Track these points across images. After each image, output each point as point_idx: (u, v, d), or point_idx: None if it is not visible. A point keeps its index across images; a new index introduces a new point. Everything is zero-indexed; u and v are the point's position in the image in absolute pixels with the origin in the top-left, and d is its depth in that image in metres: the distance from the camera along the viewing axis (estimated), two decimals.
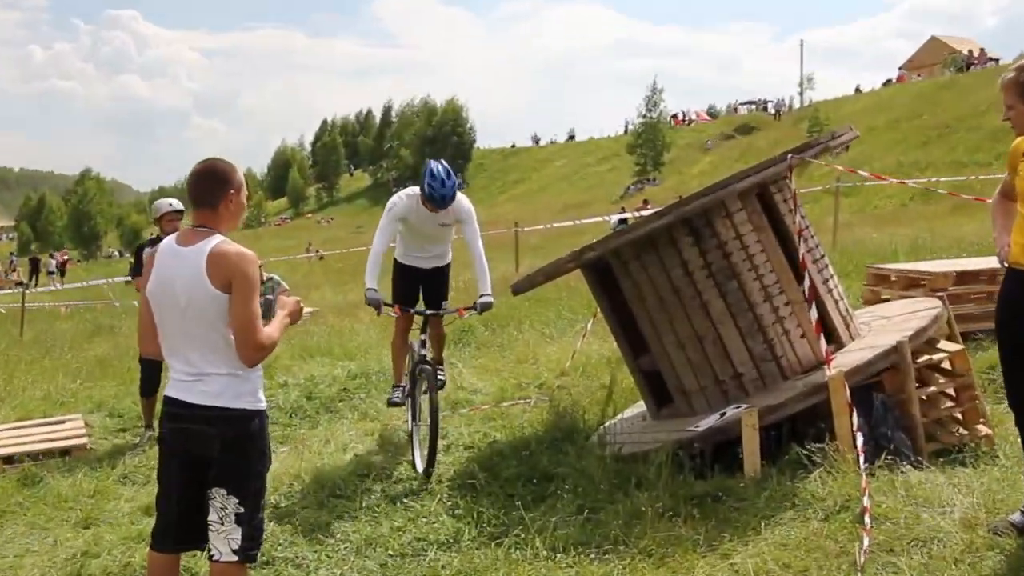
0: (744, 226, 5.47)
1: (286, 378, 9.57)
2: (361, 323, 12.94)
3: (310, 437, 7.55)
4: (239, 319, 3.33)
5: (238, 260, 3.36)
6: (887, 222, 22.19)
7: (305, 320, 15.20)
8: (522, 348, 9.78)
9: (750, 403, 5.28)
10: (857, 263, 12.26)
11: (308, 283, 28.76)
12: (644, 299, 5.66)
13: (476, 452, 6.43)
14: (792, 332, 5.49)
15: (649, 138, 63.80)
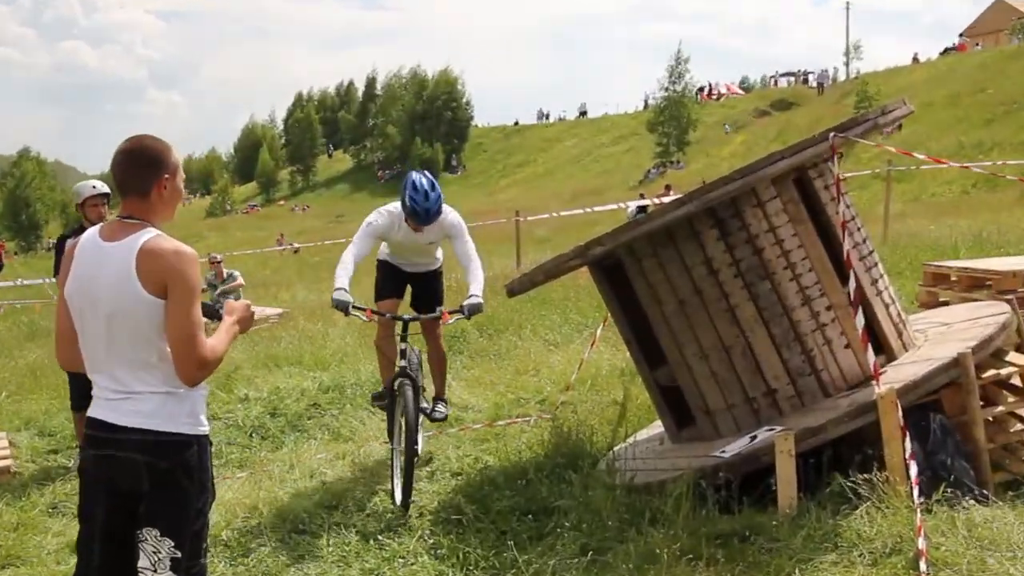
0: (779, 217, 5.34)
1: (247, 391, 9.47)
2: (336, 327, 12.82)
3: (272, 461, 7.45)
4: (178, 330, 3.19)
5: (175, 259, 3.21)
6: (946, 212, 22.06)
7: (272, 323, 15.12)
8: (522, 357, 9.65)
9: (785, 425, 5.15)
10: (912, 260, 12.15)
11: (279, 280, 28.75)
12: (661, 302, 5.53)
13: (465, 480, 6.31)
14: (835, 341, 5.36)
15: (673, 115, 63.52)
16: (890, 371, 5.25)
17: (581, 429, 6.83)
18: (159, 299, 3.20)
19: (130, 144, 3.41)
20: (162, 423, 3.28)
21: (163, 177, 3.37)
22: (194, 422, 3.38)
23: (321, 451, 7.54)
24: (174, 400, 3.32)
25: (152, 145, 3.41)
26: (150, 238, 3.24)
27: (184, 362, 3.20)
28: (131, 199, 3.36)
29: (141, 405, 3.28)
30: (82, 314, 3.32)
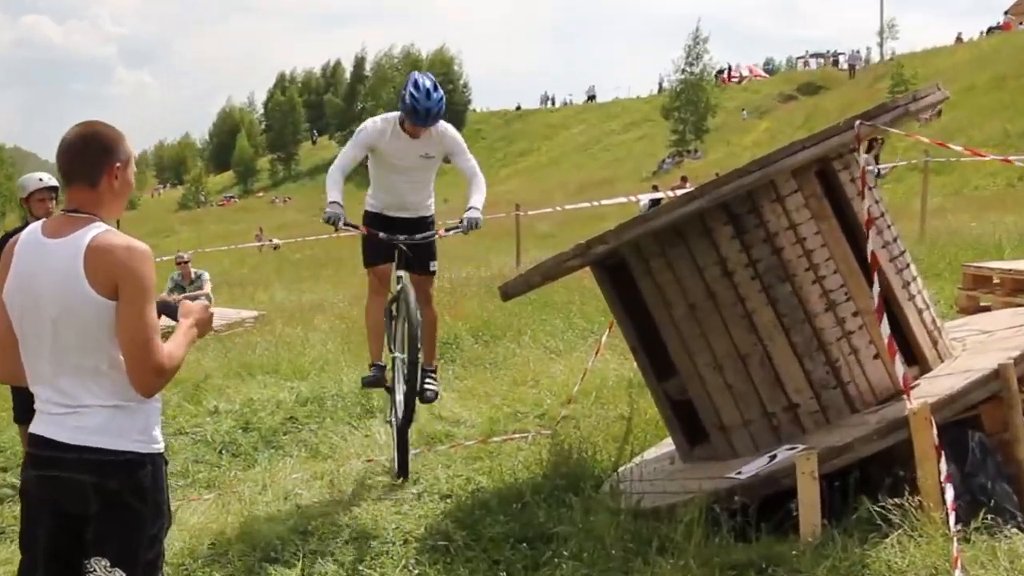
0: (800, 213, 5.28)
1: (218, 403, 9.41)
2: (317, 331, 12.79)
3: (243, 481, 7.39)
4: (131, 333, 3.14)
5: (127, 255, 3.16)
6: (990, 207, 21.97)
7: (247, 327, 15.06)
8: (521, 367, 9.59)
9: (808, 443, 5.10)
10: (951, 260, 12.09)
11: (257, 279, 28.69)
12: (670, 306, 5.48)
13: (455, 503, 6.25)
14: (862, 351, 5.30)
15: (690, 99, 63.48)
16: (924, 384, 5.19)
17: (583, 447, 6.79)
18: (109, 300, 3.15)
19: (79, 129, 3.37)
20: (111, 440, 3.23)
21: (114, 166, 3.32)
22: (147, 439, 3.32)
23: (297, 470, 7.47)
24: (124, 414, 3.26)
25: (103, 131, 3.37)
26: (99, 233, 3.19)
27: (139, 369, 3.15)
28: (78, 190, 3.31)
29: (88, 420, 3.22)
30: (23, 319, 3.26)
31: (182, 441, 8.53)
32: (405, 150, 6.42)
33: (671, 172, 51.51)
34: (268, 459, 8.01)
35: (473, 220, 6.33)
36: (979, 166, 29.59)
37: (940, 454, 4.55)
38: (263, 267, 35.35)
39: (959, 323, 6.96)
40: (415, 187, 6.64)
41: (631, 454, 6.75)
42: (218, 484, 7.46)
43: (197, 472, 7.82)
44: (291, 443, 8.34)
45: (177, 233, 62.35)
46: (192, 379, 10.40)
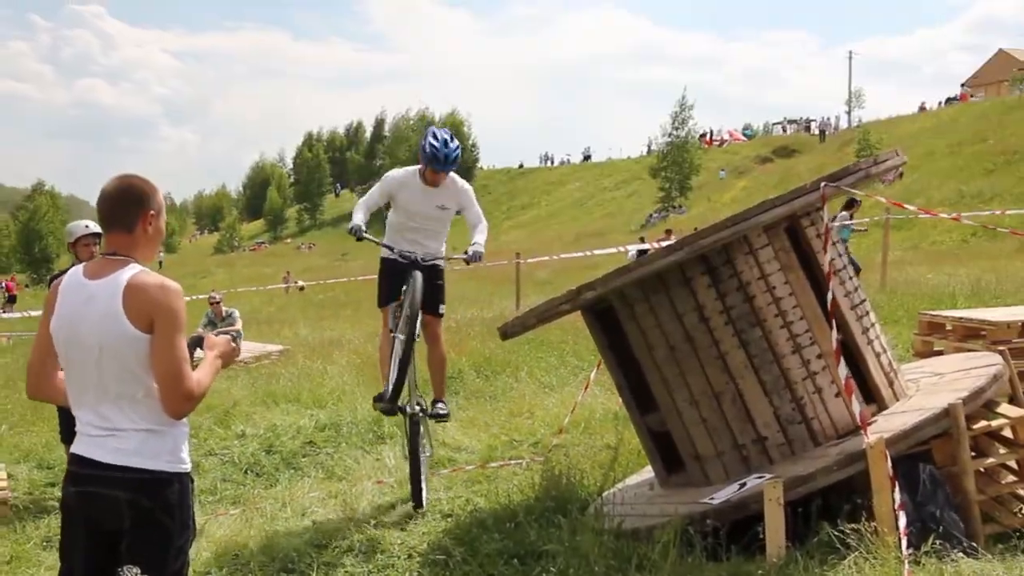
0: (770, 264, 5.32)
1: (244, 427, 9.43)
2: (335, 365, 12.78)
3: (265, 498, 7.39)
4: (165, 364, 3.19)
5: (161, 293, 3.22)
6: (945, 260, 22.05)
7: (273, 359, 15.08)
8: (517, 399, 9.61)
9: (775, 473, 5.10)
10: (909, 308, 12.11)
11: (282, 317, 28.68)
12: (652, 348, 5.50)
13: (454, 521, 6.24)
14: (825, 390, 5.31)
15: (675, 160, 63.47)
16: (881, 420, 5.20)
17: (572, 473, 6.77)
18: (145, 334, 3.21)
19: (117, 182, 3.44)
20: (145, 460, 3.27)
21: (148, 214, 3.39)
22: (175, 460, 3.36)
23: (314, 489, 7.48)
24: (156, 437, 3.31)
25: (139, 184, 3.44)
26: (135, 274, 3.25)
27: (171, 396, 3.21)
28: (116, 235, 3.38)
29: (124, 443, 3.27)
30: (68, 352, 3.32)
31: (212, 461, 8.53)
32: (423, 200, 6.49)
33: (657, 225, 51.52)
34: (288, 479, 8.01)
35: (476, 253, 6.43)
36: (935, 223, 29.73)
37: (894, 484, 4.55)
38: (289, 307, 35.36)
39: (914, 365, 6.97)
40: (428, 235, 6.65)
41: (615, 480, 6.72)
42: (243, 501, 7.46)
43: (224, 490, 7.82)
44: (310, 465, 8.35)
45: (212, 275, 62.38)
46: (222, 405, 10.41)
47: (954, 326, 7.63)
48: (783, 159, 66.24)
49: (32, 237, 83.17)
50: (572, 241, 50.60)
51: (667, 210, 60.65)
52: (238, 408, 10.28)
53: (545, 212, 79.87)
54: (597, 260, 26.80)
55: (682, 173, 63.10)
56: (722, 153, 74.74)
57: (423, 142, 6.35)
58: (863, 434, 4.77)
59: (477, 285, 30.16)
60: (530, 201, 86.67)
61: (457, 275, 27.81)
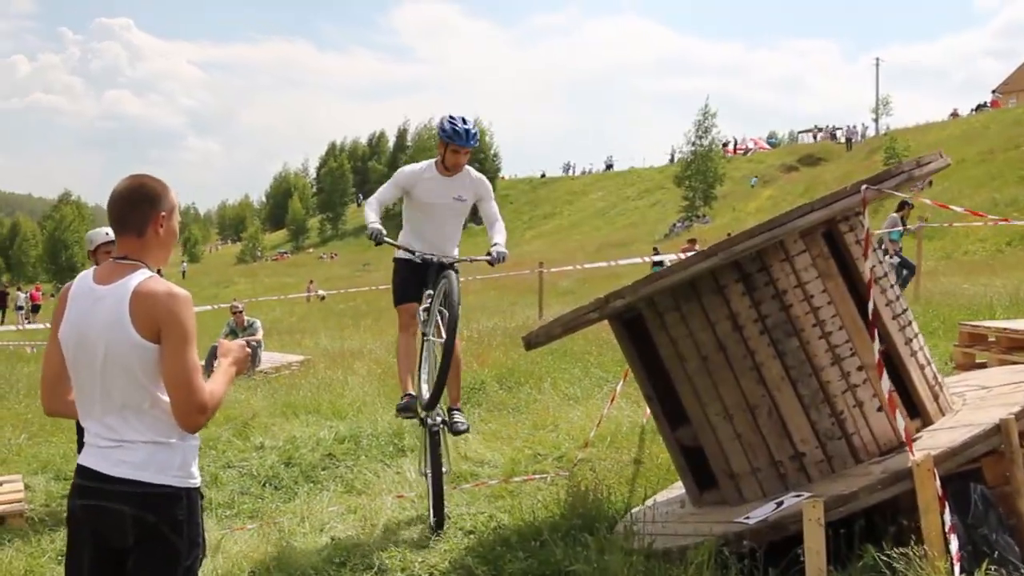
0: (808, 272, 5.07)
1: (263, 439, 9.25)
2: (356, 375, 12.60)
3: (284, 512, 7.20)
4: (175, 375, 3.02)
5: (169, 301, 3.04)
6: (980, 270, 21.60)
7: (293, 370, 14.92)
8: (541, 412, 9.37)
9: (814, 491, 4.85)
10: (945, 319, 11.80)
11: (304, 327, 28.60)
12: (683, 358, 5.27)
13: (477, 539, 6.03)
14: (867, 403, 5.05)
15: (699, 169, 63.03)
16: (926, 436, 4.94)
17: (598, 488, 6.56)
18: (152, 343, 3.04)
19: (128, 182, 3.27)
20: (152, 474, 3.10)
21: (160, 215, 3.22)
22: (185, 474, 3.18)
23: (334, 503, 7.29)
24: (165, 450, 3.13)
25: (150, 184, 3.27)
26: (143, 280, 3.08)
27: (183, 408, 3.04)
28: (127, 239, 3.21)
29: (131, 455, 3.10)
30: (76, 359, 3.15)
31: (230, 474, 8.36)
32: (440, 190, 6.29)
33: (681, 235, 51.13)
34: (307, 492, 7.82)
35: (501, 254, 6.20)
36: (970, 232, 29.23)
37: (944, 505, 4.30)
38: (310, 316, 35.28)
39: (957, 379, 6.68)
40: (445, 231, 6.46)
41: (643, 497, 6.49)
42: (261, 515, 7.28)
43: (242, 503, 7.64)
44: (329, 478, 8.16)
45: (235, 284, 62.56)
46: (241, 417, 10.25)
47: (998, 337, 7.37)
48: (809, 167, 65.71)
49: (58, 246, 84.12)
50: (595, 251, 50.28)
51: (691, 220, 60.28)
52: (257, 420, 10.11)
53: (567, 222, 79.60)
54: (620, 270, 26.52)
55: (706, 182, 62.66)
56: (747, 162, 74.23)
57: (441, 124, 6.23)
58: (908, 451, 4.52)
59: (498, 295, 29.97)
60: (552, 211, 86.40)
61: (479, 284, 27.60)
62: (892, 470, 4.59)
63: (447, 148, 6.21)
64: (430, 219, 6.35)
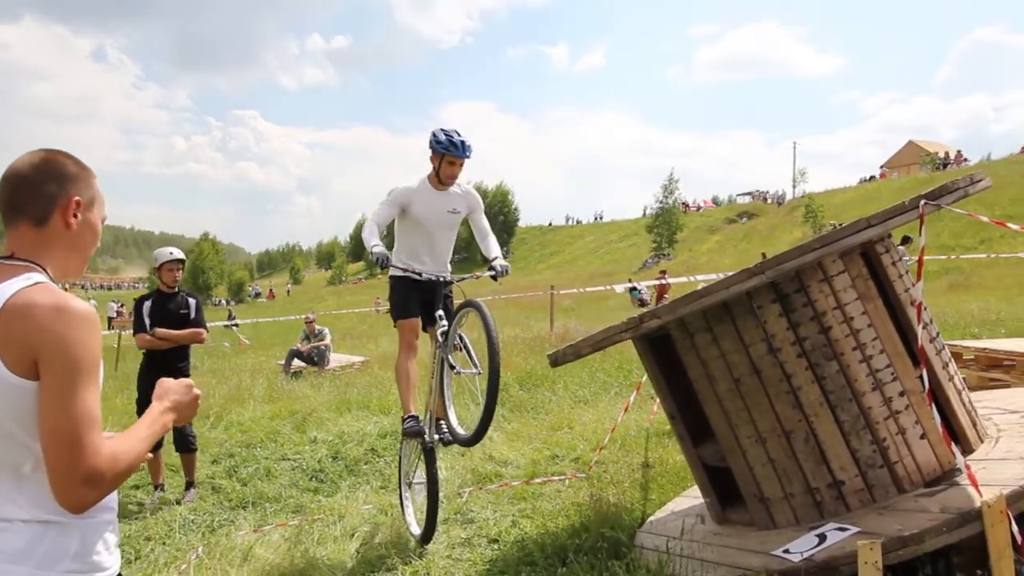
0: (847, 293, 3.51)
1: (317, 433, 7.72)
2: None
3: (324, 509, 5.66)
4: (53, 425, 1.48)
5: (52, 318, 1.50)
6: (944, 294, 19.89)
7: (355, 368, 13.37)
8: (556, 413, 7.81)
9: (853, 521, 3.28)
10: None
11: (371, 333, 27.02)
12: (713, 379, 3.71)
13: (500, 551, 4.45)
14: (910, 431, 3.47)
15: (665, 220, 61.64)
16: (976, 468, 3.36)
17: (615, 493, 4.99)
18: (30, 380, 1.49)
19: (32, 155, 1.69)
20: (33, 571, 1.54)
21: (71, 199, 1.66)
22: (85, 567, 1.61)
23: (370, 501, 5.75)
24: (56, 533, 1.57)
25: (61, 159, 1.70)
26: (22, 288, 1.52)
27: (61, 475, 1.48)
28: (19, 228, 1.65)
29: (8, 540, 1.54)
30: None
31: (283, 466, 6.84)
32: (434, 204, 4.64)
33: (652, 268, 49.47)
34: (349, 487, 6.30)
35: (504, 267, 4.54)
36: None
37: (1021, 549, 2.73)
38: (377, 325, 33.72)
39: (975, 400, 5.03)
40: (439, 246, 4.77)
41: (659, 502, 4.91)
42: (305, 511, 5.73)
43: (289, 496, 6.11)
44: (370, 472, 6.63)
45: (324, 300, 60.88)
46: (302, 411, 8.72)
47: (976, 356, 5.75)
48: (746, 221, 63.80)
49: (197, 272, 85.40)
50: (588, 279, 48.57)
51: (658, 257, 58.61)
52: (315, 414, 8.57)
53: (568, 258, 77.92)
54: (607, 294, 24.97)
55: (670, 230, 61.21)
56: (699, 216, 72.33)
57: (436, 137, 4.57)
58: (975, 489, 2.95)
59: (516, 310, 28.34)
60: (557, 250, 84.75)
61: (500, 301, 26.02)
62: (957, 509, 3.01)
63: (443, 160, 4.58)
64: (425, 234, 4.70)
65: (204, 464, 6.87)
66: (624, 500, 4.91)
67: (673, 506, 4.72)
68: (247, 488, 6.29)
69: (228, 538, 5.05)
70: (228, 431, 8.12)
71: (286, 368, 13.39)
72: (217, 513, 5.73)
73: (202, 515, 5.67)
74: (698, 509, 4.42)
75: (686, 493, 4.91)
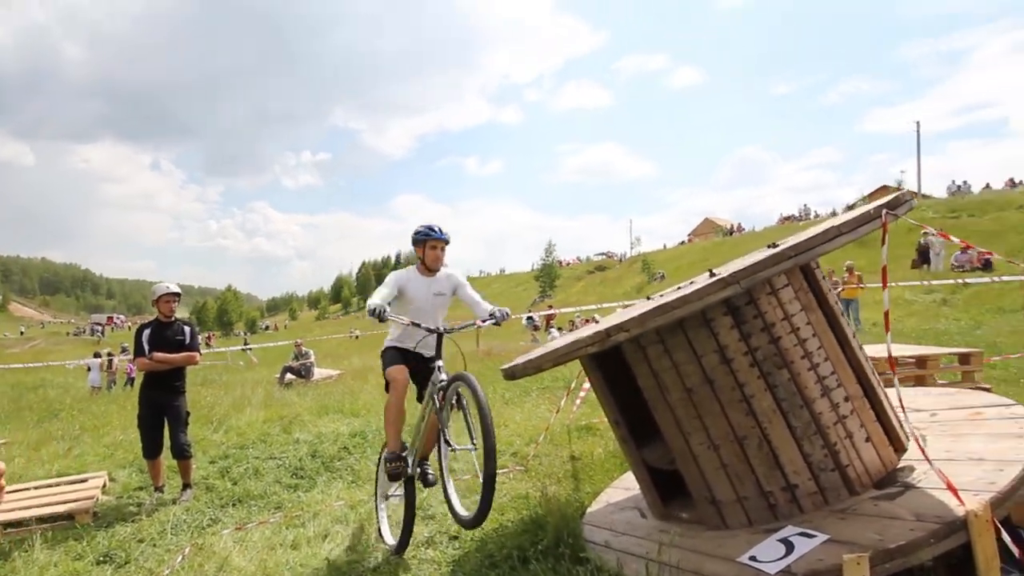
0: (792, 304, 2.52)
1: (300, 435, 6.16)
2: (368, 383, 9.54)
3: (302, 504, 4.22)
4: None
5: None
6: None
7: (333, 380, 11.68)
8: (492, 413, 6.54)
9: (813, 525, 2.22)
10: None
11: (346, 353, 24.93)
12: (665, 389, 2.61)
13: (461, 550, 3.16)
14: (856, 435, 2.47)
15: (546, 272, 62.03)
16: (922, 471, 2.38)
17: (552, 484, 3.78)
18: None
19: None
20: None
21: None
22: None
23: (342, 496, 4.33)
24: None
25: None
26: None
27: None
28: None
29: None
30: None
31: (270, 465, 5.29)
32: (424, 290, 3.47)
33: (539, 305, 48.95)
34: (325, 482, 4.84)
35: (503, 312, 3.45)
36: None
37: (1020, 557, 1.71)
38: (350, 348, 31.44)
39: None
40: (432, 318, 3.52)
41: (593, 493, 3.74)
42: (285, 507, 4.26)
43: (273, 493, 4.61)
44: (343, 468, 5.18)
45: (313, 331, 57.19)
46: (290, 415, 7.14)
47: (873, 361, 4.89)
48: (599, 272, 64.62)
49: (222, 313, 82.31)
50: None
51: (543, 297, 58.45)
52: (299, 418, 6.99)
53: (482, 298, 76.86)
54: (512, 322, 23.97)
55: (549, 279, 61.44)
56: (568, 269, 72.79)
57: (416, 231, 3.49)
58: (956, 498, 1.93)
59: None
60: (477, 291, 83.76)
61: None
62: (936, 517, 1.99)
63: (425, 247, 3.46)
64: (420, 311, 3.46)
65: (202, 464, 5.31)
66: (562, 491, 3.74)
67: (607, 497, 3.56)
68: (237, 487, 4.79)
69: (213, 537, 3.57)
70: (227, 434, 6.49)
71: (280, 380, 11.67)
72: (208, 511, 4.24)
73: (194, 514, 4.17)
74: (633, 502, 3.28)
75: (616, 484, 3.76)
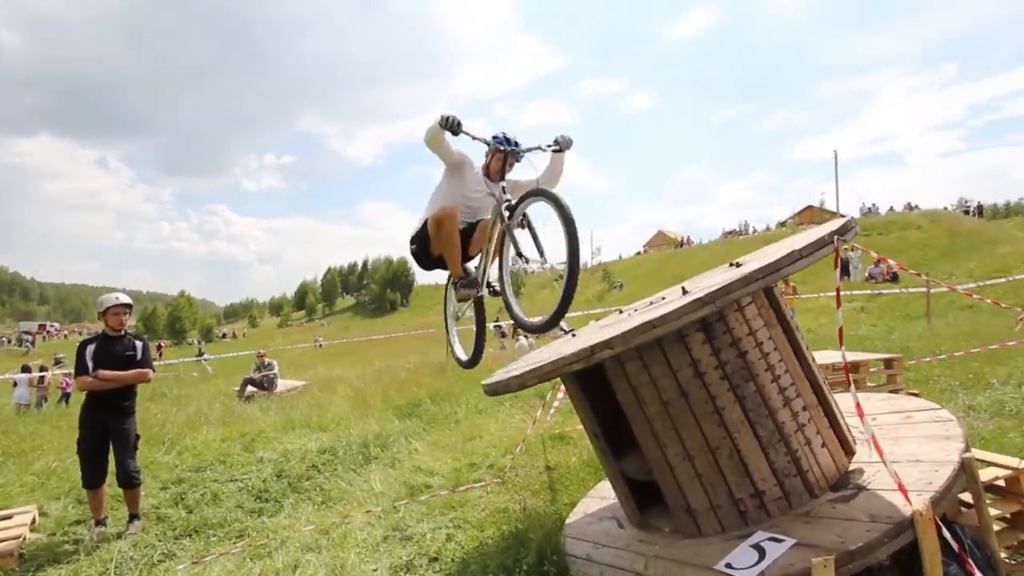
0: (756, 320, 2.67)
1: (263, 453, 5.98)
2: (337, 395, 9.37)
3: (268, 530, 4.11)
4: None
5: None
6: None
7: (297, 391, 11.40)
8: (467, 424, 6.53)
9: (781, 529, 2.36)
10: None
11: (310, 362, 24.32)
12: (644, 403, 2.72)
13: (443, 570, 3.18)
14: (814, 441, 2.64)
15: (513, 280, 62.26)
16: (872, 472, 2.55)
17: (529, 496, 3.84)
18: None
19: None
20: None
21: None
22: None
23: (312, 521, 4.23)
24: None
25: None
26: None
27: None
28: None
29: None
30: None
31: (230, 488, 5.10)
32: (474, 181, 3.20)
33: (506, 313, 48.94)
34: (292, 504, 4.71)
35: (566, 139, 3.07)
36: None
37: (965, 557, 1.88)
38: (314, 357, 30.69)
39: None
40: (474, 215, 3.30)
41: (570, 504, 3.82)
42: (248, 533, 4.14)
43: (234, 520, 4.44)
44: (311, 488, 5.06)
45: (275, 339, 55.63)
46: (251, 432, 6.90)
47: None
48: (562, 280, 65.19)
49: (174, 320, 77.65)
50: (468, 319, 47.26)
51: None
52: (262, 435, 6.79)
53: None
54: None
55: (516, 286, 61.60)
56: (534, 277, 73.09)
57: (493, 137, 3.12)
58: (905, 498, 2.10)
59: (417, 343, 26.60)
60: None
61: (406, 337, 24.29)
62: (888, 518, 2.15)
63: (493, 155, 3.18)
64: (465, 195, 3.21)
65: (152, 491, 4.99)
66: (539, 503, 3.80)
67: (584, 508, 3.65)
68: (192, 515, 4.50)
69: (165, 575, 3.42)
70: (181, 456, 6.15)
71: (240, 393, 11.24)
72: (159, 545, 3.98)
73: (143, 549, 3.90)
74: (609, 511, 3.38)
75: (591, 494, 3.85)
